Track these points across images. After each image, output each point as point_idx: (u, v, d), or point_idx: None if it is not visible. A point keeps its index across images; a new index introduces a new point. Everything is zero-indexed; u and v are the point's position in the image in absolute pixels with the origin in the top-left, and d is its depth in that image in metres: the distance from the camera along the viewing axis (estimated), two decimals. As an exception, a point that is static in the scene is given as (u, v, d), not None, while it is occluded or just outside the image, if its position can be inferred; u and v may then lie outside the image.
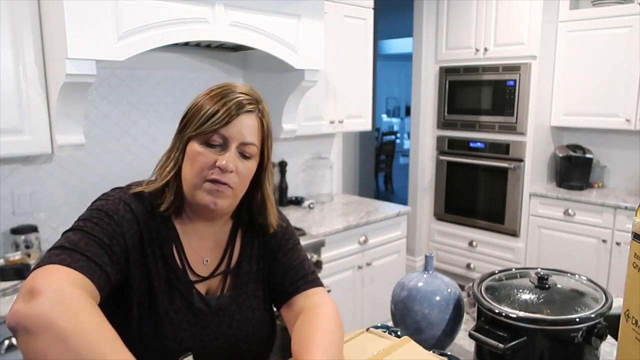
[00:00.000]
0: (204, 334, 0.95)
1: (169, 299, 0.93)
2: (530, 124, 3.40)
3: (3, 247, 1.94)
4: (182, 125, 0.94)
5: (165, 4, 1.79)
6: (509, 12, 3.39)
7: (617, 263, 3.10)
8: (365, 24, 2.92)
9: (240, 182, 0.93)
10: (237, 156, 0.91)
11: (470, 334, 0.99)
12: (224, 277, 1.01)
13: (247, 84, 0.99)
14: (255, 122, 0.94)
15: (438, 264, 4.01)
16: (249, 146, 0.93)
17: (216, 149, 0.91)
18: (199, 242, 0.99)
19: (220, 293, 1.00)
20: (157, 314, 0.91)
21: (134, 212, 0.91)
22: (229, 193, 0.92)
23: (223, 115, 0.89)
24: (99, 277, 0.80)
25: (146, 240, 0.91)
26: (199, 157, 0.90)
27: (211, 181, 0.90)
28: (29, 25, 1.71)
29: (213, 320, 0.97)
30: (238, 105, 0.91)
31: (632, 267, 0.84)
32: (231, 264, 1.02)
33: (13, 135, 1.72)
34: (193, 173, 0.91)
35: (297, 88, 2.40)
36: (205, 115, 0.90)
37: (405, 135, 11.60)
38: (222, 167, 0.89)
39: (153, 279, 0.91)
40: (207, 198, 0.91)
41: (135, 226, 0.90)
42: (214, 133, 0.89)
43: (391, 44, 9.37)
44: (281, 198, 2.94)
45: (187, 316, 0.94)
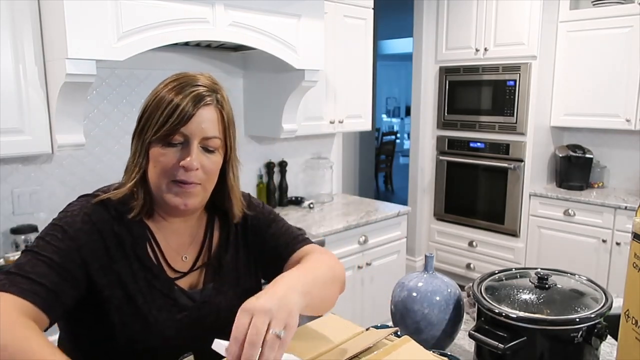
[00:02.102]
0: (191, 329, 0.94)
1: (149, 298, 0.91)
2: (530, 124, 3.40)
3: (3, 247, 1.94)
4: (141, 127, 0.91)
5: (165, 4, 1.79)
6: (509, 12, 3.39)
7: (617, 263, 3.10)
8: (365, 24, 2.92)
9: (207, 177, 0.92)
10: (200, 152, 0.90)
11: (470, 334, 0.98)
12: (205, 270, 1.00)
13: (204, 73, 0.97)
14: (215, 114, 0.92)
15: (438, 264, 4.01)
16: (212, 140, 0.91)
17: (177, 147, 0.89)
18: (175, 239, 0.98)
19: (202, 286, 0.99)
20: (140, 315, 0.90)
21: (94, 222, 0.89)
22: (197, 191, 0.91)
23: (181, 114, 0.87)
24: (45, 299, 0.79)
25: (112, 246, 0.90)
26: (161, 159, 0.89)
27: (177, 182, 0.89)
28: (29, 25, 1.71)
29: (199, 314, 0.96)
30: (195, 99, 0.89)
31: (632, 267, 0.84)
32: (211, 256, 1.01)
33: (13, 135, 1.72)
34: (157, 175, 0.90)
35: (297, 88, 2.40)
36: (163, 116, 0.87)
37: (405, 135, 11.60)
38: (187, 166, 0.88)
39: (127, 282, 0.90)
40: (175, 200, 0.90)
41: (95, 236, 0.88)
42: (174, 133, 0.88)
43: (391, 44, 9.37)
44: (281, 198, 2.94)
45: (171, 313, 0.93)
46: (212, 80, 0.95)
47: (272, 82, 2.54)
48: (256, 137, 2.83)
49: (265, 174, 2.91)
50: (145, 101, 0.92)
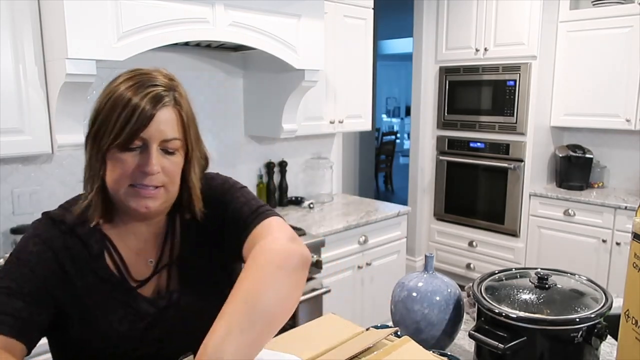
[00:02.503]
0: (156, 336, 0.92)
1: (110, 312, 0.89)
2: (530, 124, 3.40)
3: (3, 247, 1.94)
4: (95, 131, 0.86)
5: (166, 4, 1.79)
6: (509, 12, 3.39)
7: (617, 263, 3.10)
8: (365, 24, 2.92)
9: (169, 179, 0.89)
10: (160, 154, 0.87)
11: (470, 334, 0.99)
12: (168, 272, 0.96)
13: (160, 69, 0.92)
14: (173, 115, 0.87)
15: (438, 264, 4.01)
16: (171, 142, 0.87)
17: (136, 152, 0.85)
18: (138, 243, 0.95)
19: (166, 290, 0.95)
20: (100, 330, 0.88)
21: (44, 241, 0.87)
22: (159, 194, 0.88)
23: (140, 118, 0.83)
24: (11, 325, 0.79)
25: (66, 262, 0.88)
26: (120, 164, 0.85)
27: (137, 186, 0.86)
28: (29, 25, 1.71)
29: (164, 320, 0.93)
30: (152, 101, 0.84)
31: (632, 267, 0.84)
32: (173, 257, 0.97)
33: (13, 135, 1.72)
34: (116, 181, 0.86)
35: (297, 88, 2.40)
36: (120, 120, 0.83)
37: (405, 135, 11.60)
38: (147, 172, 0.85)
39: (84, 297, 0.88)
40: (137, 203, 0.87)
41: (48, 254, 0.87)
42: (134, 138, 0.84)
43: (391, 44, 9.37)
44: (281, 198, 2.94)
45: (134, 322, 0.90)
46: (168, 77, 0.91)
47: (272, 82, 2.54)
48: (256, 137, 2.83)
49: (265, 174, 2.91)
50: (98, 102, 0.87)
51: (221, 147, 2.69)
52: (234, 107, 2.73)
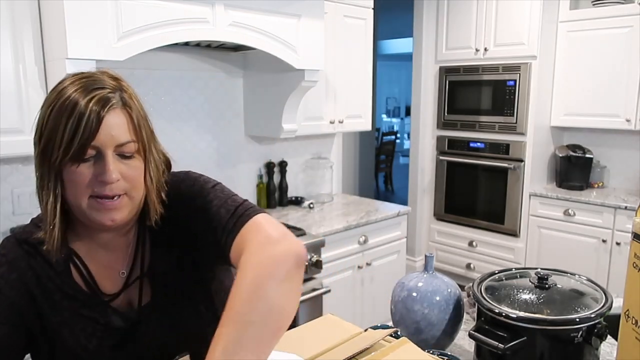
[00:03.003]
0: (129, 351, 0.89)
1: (78, 329, 0.86)
2: (530, 124, 3.40)
3: (3, 247, 1.94)
4: (43, 146, 0.79)
5: (165, 4, 1.79)
6: (509, 12, 3.39)
7: (617, 263, 3.10)
8: (365, 24, 2.92)
9: (131, 185, 0.83)
10: (117, 160, 0.81)
11: (470, 334, 0.99)
12: (140, 285, 0.91)
13: (104, 69, 0.86)
14: (123, 117, 0.81)
15: (438, 264, 4.01)
16: (126, 145, 0.81)
17: (90, 162, 0.80)
18: (107, 256, 0.91)
19: (138, 304, 0.91)
20: (67, 348, 0.86)
21: (9, 261, 0.85)
22: (123, 203, 0.83)
23: (87, 125, 0.77)
24: None
25: (31, 282, 0.85)
26: (76, 178, 0.79)
27: (99, 198, 0.81)
28: (29, 25, 1.71)
29: (137, 334, 0.89)
30: (99, 104, 0.78)
31: (632, 267, 0.84)
32: (144, 269, 0.92)
33: (13, 135, 1.72)
34: (75, 196, 0.81)
35: (297, 88, 2.40)
36: (67, 131, 0.76)
37: (405, 135, 11.60)
38: (105, 180, 0.79)
39: (50, 316, 0.85)
40: (101, 217, 0.82)
41: (13, 275, 0.84)
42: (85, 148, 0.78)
43: (391, 44, 9.37)
44: (281, 198, 2.94)
45: (102, 339, 0.87)
46: (114, 78, 0.84)
47: (272, 82, 2.54)
48: (256, 137, 2.83)
49: (265, 174, 2.91)
50: (42, 112, 0.81)
51: (221, 147, 2.69)
52: (234, 107, 2.73)
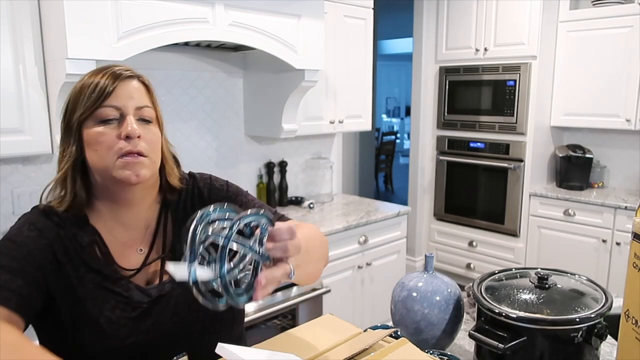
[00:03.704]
0: (149, 325, 0.92)
1: (101, 301, 0.90)
2: (530, 124, 3.40)
3: (3, 247, 1.94)
4: (67, 118, 0.90)
5: (165, 4, 1.79)
6: (509, 12, 3.39)
7: (617, 263, 3.10)
8: (365, 24, 2.92)
9: (151, 147, 0.91)
10: (138, 123, 0.89)
11: (470, 334, 0.98)
12: (160, 263, 0.97)
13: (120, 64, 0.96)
14: (140, 85, 0.93)
15: (438, 264, 4.01)
16: (145, 109, 0.91)
17: (114, 123, 0.88)
18: (126, 234, 0.96)
19: (159, 280, 0.96)
20: (90, 318, 0.89)
21: (39, 229, 0.89)
22: (146, 162, 0.90)
23: (104, 86, 0.87)
24: (17, 302, 0.80)
25: (59, 251, 0.89)
26: (101, 138, 0.87)
27: (124, 155, 0.87)
28: (29, 25, 1.71)
29: (156, 309, 0.93)
30: (115, 74, 0.90)
31: (632, 267, 0.84)
32: (165, 249, 0.98)
33: (13, 135, 1.72)
34: (102, 157, 0.87)
35: (297, 88, 2.40)
36: (87, 94, 0.87)
37: (405, 135, 11.60)
38: (129, 133, 0.86)
39: (75, 287, 0.89)
40: (125, 173, 0.88)
41: (44, 241, 0.88)
42: (104, 107, 0.87)
43: (391, 44, 9.37)
44: (281, 198, 2.94)
45: (125, 312, 0.91)
46: (132, 68, 0.96)
47: (272, 82, 2.54)
48: (256, 137, 2.83)
49: (265, 174, 2.91)
50: (66, 99, 0.92)
51: (221, 147, 2.69)
52: (234, 107, 2.73)
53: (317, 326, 0.97)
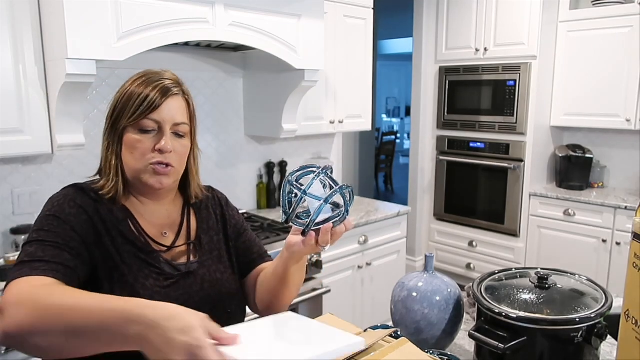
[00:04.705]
0: (178, 295, 1.00)
1: (136, 269, 0.98)
2: (530, 124, 3.40)
3: (3, 247, 1.94)
4: (114, 118, 1.00)
5: (166, 4, 1.79)
6: (509, 12, 3.39)
7: (617, 263, 3.10)
8: (365, 24, 2.92)
9: (179, 160, 1.02)
10: (172, 137, 1.00)
11: (470, 334, 0.99)
12: (188, 248, 1.08)
13: (167, 70, 1.06)
14: (183, 103, 1.02)
15: (438, 264, 4.01)
16: (181, 126, 1.01)
17: (152, 134, 0.98)
18: (153, 220, 1.06)
19: (187, 260, 1.06)
20: (127, 283, 0.96)
21: (80, 205, 0.97)
22: (172, 172, 1.01)
23: (151, 102, 0.96)
24: (64, 273, 0.87)
25: (99, 224, 0.97)
26: (138, 145, 0.98)
27: (154, 164, 0.98)
28: (29, 25, 1.71)
29: (185, 283, 1.02)
30: (164, 89, 0.99)
31: (632, 267, 0.84)
32: (190, 238, 1.09)
33: (13, 135, 1.72)
34: (135, 160, 0.98)
35: (297, 88, 2.40)
36: (135, 103, 0.97)
37: (405, 135, 11.60)
38: (163, 148, 0.97)
39: (113, 255, 0.97)
40: (152, 180, 0.99)
41: (84, 216, 0.96)
42: (147, 119, 0.97)
43: (391, 44, 9.37)
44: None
45: (158, 280, 0.99)
46: (175, 76, 1.05)
47: (272, 82, 2.54)
48: (256, 137, 2.83)
49: (265, 174, 2.91)
50: (114, 98, 1.01)
51: (221, 147, 2.69)
52: (234, 107, 2.73)
53: (317, 326, 0.96)
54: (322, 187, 0.88)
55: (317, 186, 0.86)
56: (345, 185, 0.86)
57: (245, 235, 1.19)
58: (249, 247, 1.18)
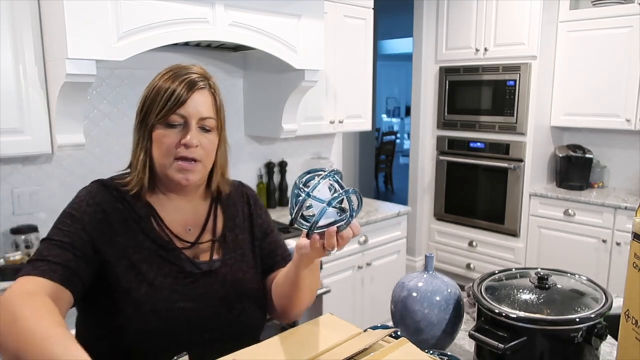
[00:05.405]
0: (197, 294, 1.01)
1: (156, 267, 0.99)
2: (530, 124, 3.40)
3: (3, 247, 1.94)
4: (143, 114, 1.01)
5: (166, 4, 1.79)
6: (509, 12, 3.39)
7: (617, 263, 3.10)
8: (365, 24, 2.92)
9: (206, 154, 1.02)
10: (198, 132, 1.00)
11: (470, 334, 0.98)
12: (212, 245, 1.08)
13: (196, 64, 1.06)
14: (209, 97, 1.02)
15: (438, 264, 4.01)
16: (208, 120, 1.01)
17: (178, 129, 0.99)
18: (178, 216, 1.07)
19: (209, 258, 1.06)
20: (145, 280, 0.97)
21: (97, 202, 0.99)
22: (198, 168, 1.01)
23: (177, 97, 0.97)
24: (62, 275, 0.89)
25: (115, 222, 0.99)
26: (164, 139, 0.99)
27: (180, 159, 0.99)
28: (29, 25, 1.71)
29: (205, 281, 1.03)
30: (190, 83, 0.99)
31: (632, 267, 0.84)
32: (216, 235, 1.09)
33: (13, 135, 1.72)
34: (162, 154, 0.99)
35: (297, 88, 2.40)
36: (163, 99, 0.98)
37: (405, 135, 11.60)
38: (187, 143, 0.97)
39: (132, 253, 0.98)
40: (178, 175, 1.00)
41: (99, 215, 0.98)
42: (174, 114, 0.98)
43: (391, 44, 9.37)
44: (281, 198, 2.94)
45: (177, 279, 1.00)
46: (203, 69, 1.05)
47: (272, 82, 2.54)
48: (256, 137, 2.83)
49: (265, 174, 2.91)
50: (144, 94, 1.02)
51: (221, 147, 2.69)
52: (234, 107, 2.73)
53: (317, 326, 0.97)
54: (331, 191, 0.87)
55: (324, 190, 0.85)
56: (352, 189, 0.85)
57: (272, 236, 1.18)
58: (273, 249, 1.17)
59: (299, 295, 1.06)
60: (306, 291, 1.06)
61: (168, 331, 0.96)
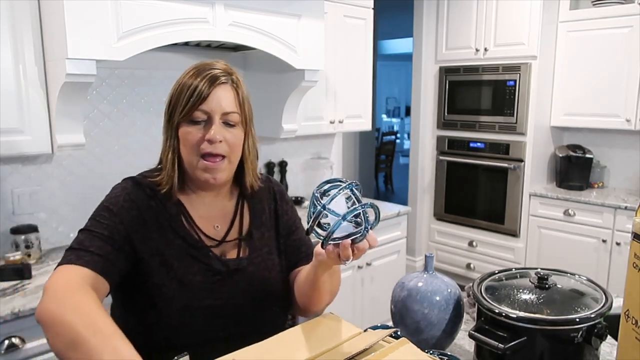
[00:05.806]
0: (224, 291, 1.03)
1: (185, 264, 1.02)
2: (530, 124, 3.40)
3: (3, 247, 1.94)
4: (170, 113, 1.02)
5: (166, 4, 1.79)
6: (509, 12, 3.39)
7: (617, 263, 3.10)
8: (365, 24, 2.92)
9: (231, 150, 1.03)
10: (222, 127, 1.01)
11: (470, 334, 0.98)
12: (238, 243, 1.09)
13: (221, 60, 1.06)
14: (231, 92, 1.03)
15: (438, 264, 4.01)
16: (231, 115, 1.02)
17: (202, 125, 1.00)
18: (206, 211, 1.09)
19: (237, 256, 1.08)
20: (176, 277, 1.00)
21: (133, 200, 1.01)
22: (224, 165, 1.03)
23: (199, 93, 0.98)
24: (103, 266, 0.93)
25: (149, 220, 1.01)
26: (188, 136, 1.00)
27: (205, 156, 1.00)
28: (29, 25, 1.71)
29: (232, 279, 1.05)
30: (212, 79, 1.00)
31: (632, 267, 0.84)
32: (243, 232, 1.11)
33: (13, 135, 1.72)
34: (187, 152, 1.01)
35: (297, 88, 2.40)
36: (185, 96, 0.99)
37: (405, 135, 11.60)
38: (211, 138, 0.98)
39: (163, 250, 1.01)
40: (205, 175, 1.02)
41: (135, 212, 1.00)
42: (198, 110, 0.99)
43: (391, 44, 9.37)
44: (281, 198, 2.94)
45: (206, 276, 1.03)
46: (227, 66, 1.06)
47: (272, 82, 2.54)
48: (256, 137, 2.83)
49: (266, 174, 2.91)
50: (170, 93, 1.04)
51: (221, 147, 2.69)
52: (234, 107, 2.73)
53: (317, 326, 0.97)
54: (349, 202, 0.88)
55: (341, 201, 0.86)
56: (370, 203, 0.86)
57: (297, 234, 1.19)
58: (298, 246, 1.18)
59: (318, 295, 1.07)
60: (325, 293, 1.08)
61: (196, 327, 0.99)
